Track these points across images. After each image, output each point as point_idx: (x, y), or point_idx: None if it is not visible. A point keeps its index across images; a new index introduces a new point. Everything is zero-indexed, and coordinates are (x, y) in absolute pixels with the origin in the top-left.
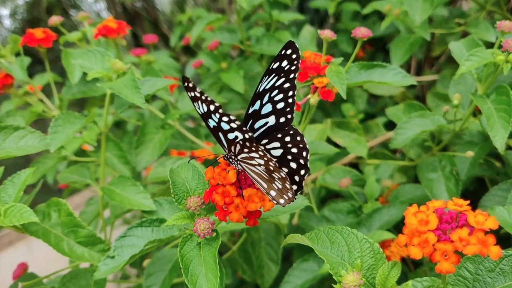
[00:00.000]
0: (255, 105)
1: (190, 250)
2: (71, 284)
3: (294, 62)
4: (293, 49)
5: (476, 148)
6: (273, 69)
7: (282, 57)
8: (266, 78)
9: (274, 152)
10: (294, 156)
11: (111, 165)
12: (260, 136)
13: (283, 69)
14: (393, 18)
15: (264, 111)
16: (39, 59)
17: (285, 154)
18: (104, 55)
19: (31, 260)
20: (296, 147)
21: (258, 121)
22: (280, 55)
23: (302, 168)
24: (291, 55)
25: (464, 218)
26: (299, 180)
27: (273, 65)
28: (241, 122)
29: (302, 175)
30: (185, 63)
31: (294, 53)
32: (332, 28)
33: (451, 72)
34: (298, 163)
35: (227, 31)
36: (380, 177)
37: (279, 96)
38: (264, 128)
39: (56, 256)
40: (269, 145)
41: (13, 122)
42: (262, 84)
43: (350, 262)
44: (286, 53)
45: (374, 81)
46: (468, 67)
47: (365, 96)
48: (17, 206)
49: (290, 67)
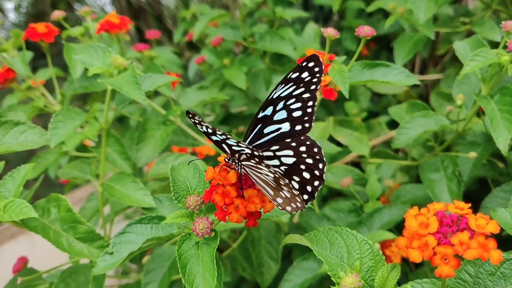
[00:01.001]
0: (266, 110)
1: (188, 249)
2: (70, 279)
3: (317, 75)
4: (316, 62)
5: (479, 149)
6: (291, 78)
7: (302, 68)
8: (282, 86)
9: (285, 160)
10: (309, 167)
11: (112, 161)
12: (269, 141)
13: (303, 80)
14: (397, 17)
15: (277, 117)
16: (44, 53)
17: (298, 163)
18: (105, 50)
19: (33, 253)
20: (312, 158)
21: (269, 126)
22: (300, 66)
23: (316, 179)
24: (314, 68)
25: (465, 221)
26: (311, 190)
27: (291, 74)
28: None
29: (315, 186)
30: (189, 58)
31: (316, 66)
32: (336, 26)
33: (455, 72)
34: (312, 174)
35: (230, 28)
36: (382, 177)
37: (297, 104)
38: (275, 134)
39: (57, 250)
40: (280, 152)
41: (14, 116)
42: (277, 91)
43: (349, 264)
44: (307, 65)
45: (377, 80)
46: (472, 67)
47: (368, 94)
48: (17, 201)
49: (311, 79)
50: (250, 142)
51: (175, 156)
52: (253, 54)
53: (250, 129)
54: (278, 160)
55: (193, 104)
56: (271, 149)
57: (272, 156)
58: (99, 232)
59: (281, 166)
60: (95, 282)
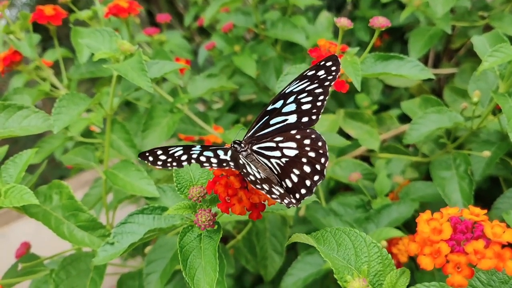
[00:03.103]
0: (276, 103)
1: (190, 241)
2: (71, 267)
3: (333, 73)
4: (334, 62)
5: (493, 148)
6: (307, 75)
7: (319, 67)
8: (297, 82)
9: (287, 152)
10: (310, 160)
11: (117, 148)
12: (273, 131)
13: (318, 77)
14: (413, 9)
15: (286, 109)
16: None
17: (300, 156)
18: (112, 35)
19: (39, 233)
20: (315, 152)
21: (276, 118)
22: (318, 65)
23: (317, 173)
24: (331, 67)
25: (480, 228)
26: (310, 184)
27: (307, 72)
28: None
29: (315, 180)
30: (199, 43)
31: (334, 65)
32: (350, 15)
33: (470, 66)
34: (313, 168)
35: (242, 14)
36: (392, 172)
37: (308, 98)
38: (281, 125)
39: None
40: (284, 144)
41: (20, 99)
42: (291, 86)
43: (356, 267)
44: (325, 65)
45: (390, 73)
46: (491, 63)
47: (380, 86)
48: (18, 187)
49: (326, 76)
50: (254, 132)
51: None
52: (264, 41)
53: (257, 120)
54: (280, 151)
55: (201, 92)
56: (274, 140)
57: (274, 147)
58: (104, 219)
59: (282, 158)
60: (96, 270)
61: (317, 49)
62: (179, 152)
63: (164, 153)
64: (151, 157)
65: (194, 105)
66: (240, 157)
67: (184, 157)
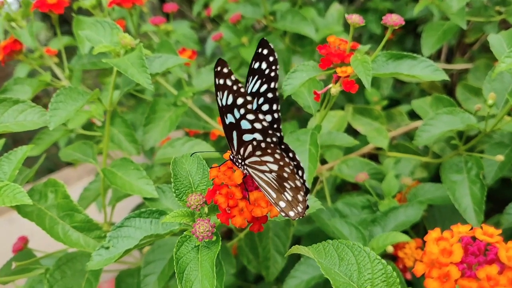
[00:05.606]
0: None
1: (187, 252)
2: (66, 267)
3: (272, 67)
4: (268, 49)
5: (507, 151)
6: (254, 69)
7: (259, 57)
8: (251, 79)
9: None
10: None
11: (118, 142)
12: None
13: (264, 73)
14: (427, 3)
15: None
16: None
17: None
18: (113, 27)
19: None
20: None
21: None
22: (257, 54)
23: None
24: (268, 56)
25: (494, 251)
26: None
27: (254, 64)
28: None
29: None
30: (211, 31)
31: (270, 55)
32: (362, 7)
33: (485, 63)
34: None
35: (251, 4)
36: (400, 173)
37: (266, 106)
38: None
39: None
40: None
41: (20, 89)
42: (249, 85)
43: (359, 284)
44: (262, 53)
45: (402, 73)
46: (508, 64)
47: (390, 81)
48: (11, 186)
49: (269, 73)
50: None
51: (183, 140)
52: (273, 33)
53: None
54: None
55: (207, 85)
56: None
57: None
58: (103, 216)
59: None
60: (91, 271)
61: (326, 46)
62: (236, 98)
63: (235, 81)
64: (226, 70)
65: (201, 97)
66: None
67: None
